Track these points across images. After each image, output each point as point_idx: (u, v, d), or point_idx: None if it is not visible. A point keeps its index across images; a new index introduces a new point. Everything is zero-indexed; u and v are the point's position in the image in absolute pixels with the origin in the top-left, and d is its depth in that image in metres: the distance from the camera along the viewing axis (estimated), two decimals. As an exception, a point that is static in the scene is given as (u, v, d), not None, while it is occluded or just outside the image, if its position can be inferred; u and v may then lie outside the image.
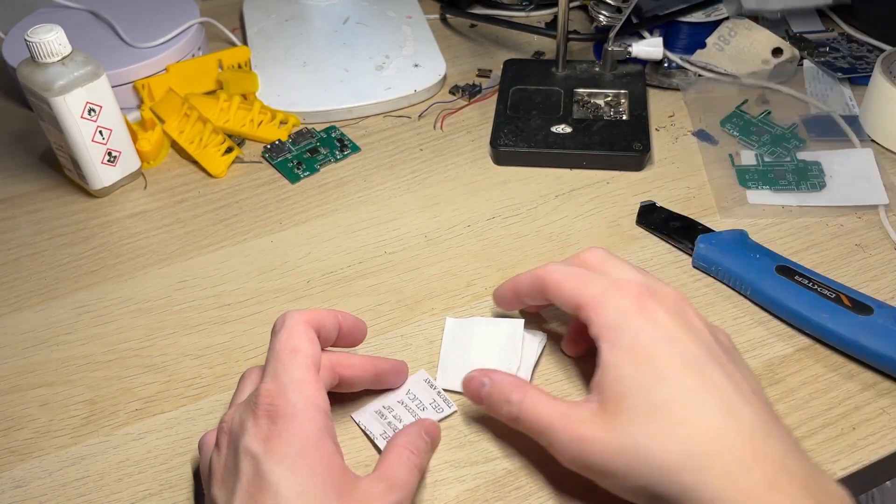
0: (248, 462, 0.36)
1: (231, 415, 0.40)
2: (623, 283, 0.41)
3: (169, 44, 0.69)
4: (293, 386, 0.38)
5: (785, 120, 0.65)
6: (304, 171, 0.64)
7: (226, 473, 0.38)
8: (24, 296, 0.56)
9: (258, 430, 0.37)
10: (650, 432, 0.36)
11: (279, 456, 0.36)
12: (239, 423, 0.38)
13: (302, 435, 0.37)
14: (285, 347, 0.40)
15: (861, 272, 0.54)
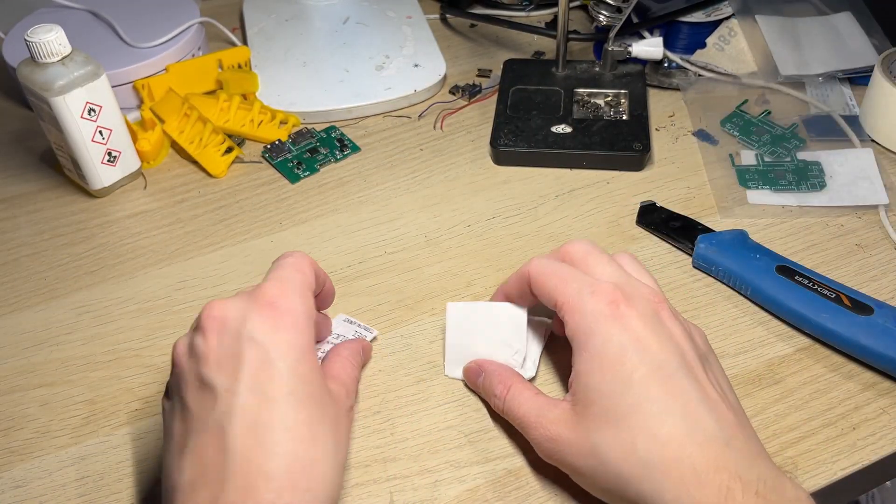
0: (254, 349, 0.37)
1: (221, 305, 0.39)
2: (599, 286, 0.41)
3: (169, 44, 0.69)
4: (295, 292, 0.40)
5: (785, 120, 0.65)
6: (304, 171, 0.64)
7: (224, 358, 0.37)
8: (24, 296, 0.56)
9: (264, 320, 0.38)
10: (612, 440, 0.37)
11: (288, 346, 0.38)
12: (239, 313, 0.38)
13: (305, 333, 0.39)
14: (293, 266, 0.41)
15: (861, 272, 0.54)
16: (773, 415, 0.46)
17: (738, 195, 0.59)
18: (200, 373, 0.38)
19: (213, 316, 0.39)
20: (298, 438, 0.36)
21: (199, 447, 0.36)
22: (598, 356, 0.39)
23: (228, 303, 0.39)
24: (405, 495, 0.43)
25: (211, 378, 0.37)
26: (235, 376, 0.37)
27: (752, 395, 0.47)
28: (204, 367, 0.37)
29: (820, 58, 0.68)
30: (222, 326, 0.38)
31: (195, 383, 0.38)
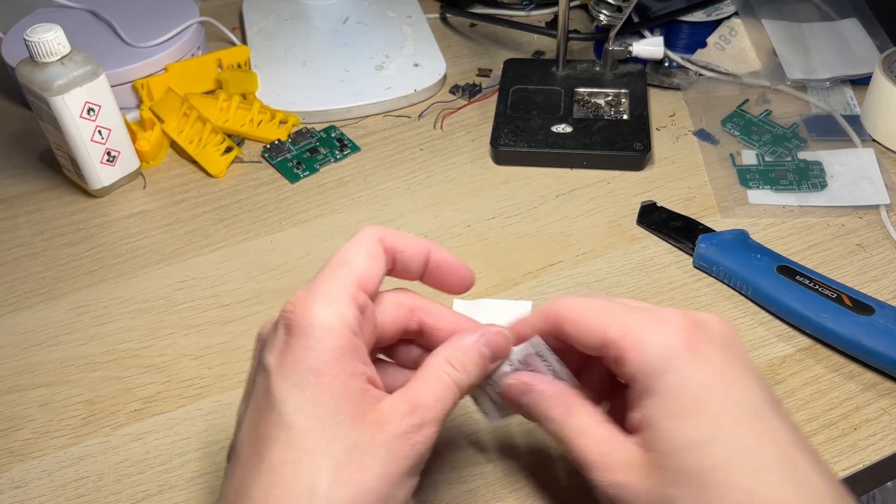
0: (262, 377, 0.34)
1: (266, 324, 0.36)
2: (664, 315, 0.34)
3: (168, 43, 0.69)
4: (322, 298, 0.34)
5: (785, 120, 0.65)
6: (303, 170, 0.64)
7: (249, 386, 0.35)
8: (24, 296, 0.56)
9: (275, 344, 0.34)
10: (695, 499, 0.31)
11: (289, 371, 0.33)
12: (266, 333, 0.35)
13: (317, 350, 0.33)
14: (336, 257, 0.36)
15: (862, 272, 0.54)
16: (773, 415, 0.46)
17: (739, 195, 0.59)
18: (241, 403, 0.36)
19: (257, 339, 0.37)
20: (279, 482, 0.31)
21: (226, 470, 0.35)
22: (675, 400, 0.32)
23: (267, 324, 0.36)
24: (405, 496, 0.43)
25: (239, 409, 0.36)
26: (246, 407, 0.34)
27: (753, 395, 0.47)
28: (243, 399, 0.36)
29: (826, 63, 0.68)
30: (257, 351, 0.36)
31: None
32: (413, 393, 0.34)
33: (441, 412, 0.34)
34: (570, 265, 0.55)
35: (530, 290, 0.54)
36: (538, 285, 0.54)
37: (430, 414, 0.34)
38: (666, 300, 0.53)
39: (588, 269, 0.55)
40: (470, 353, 0.36)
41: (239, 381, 0.49)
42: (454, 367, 0.35)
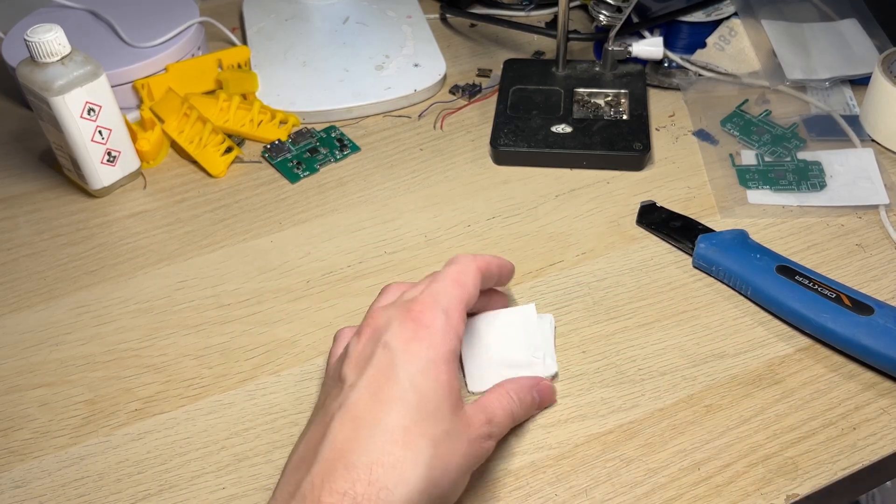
0: (385, 354, 0.39)
1: (380, 312, 0.42)
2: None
3: (168, 43, 0.69)
4: (444, 308, 0.41)
5: (785, 120, 0.65)
6: (303, 170, 0.64)
7: (360, 358, 0.40)
8: (24, 296, 0.56)
9: (403, 331, 0.40)
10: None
11: (414, 357, 0.39)
12: (385, 321, 0.41)
13: (439, 348, 0.40)
14: (453, 277, 0.43)
15: (861, 272, 0.54)
16: (773, 415, 0.46)
17: (739, 195, 0.59)
18: (341, 369, 0.41)
19: (369, 323, 0.42)
20: (391, 440, 0.37)
21: (311, 433, 0.39)
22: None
23: (384, 311, 0.42)
24: (405, 495, 0.43)
25: (344, 373, 0.40)
26: (361, 374, 0.39)
27: (753, 395, 0.47)
28: (345, 366, 0.41)
29: (826, 63, 0.68)
30: (372, 332, 0.41)
31: (334, 377, 0.42)
32: (490, 408, 0.42)
33: (502, 431, 0.43)
34: (569, 265, 0.55)
35: (530, 289, 0.54)
36: (538, 285, 0.54)
37: (496, 429, 0.42)
38: (665, 300, 0.53)
39: (588, 269, 0.55)
40: (527, 395, 0.45)
41: (239, 381, 0.49)
42: (515, 400, 0.44)
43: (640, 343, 0.50)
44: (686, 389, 0.48)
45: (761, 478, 0.43)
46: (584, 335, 0.51)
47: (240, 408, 0.48)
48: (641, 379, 0.48)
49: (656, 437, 0.45)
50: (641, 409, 0.47)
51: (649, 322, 0.51)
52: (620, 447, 0.45)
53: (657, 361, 0.49)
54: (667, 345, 0.50)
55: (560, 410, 0.47)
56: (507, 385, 0.45)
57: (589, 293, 0.53)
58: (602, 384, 0.48)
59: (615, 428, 0.46)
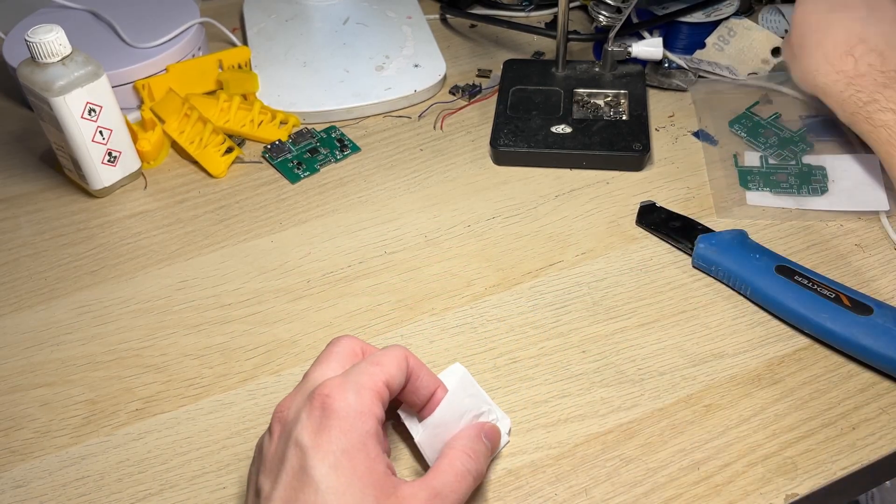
0: (295, 454, 0.36)
1: (288, 403, 0.39)
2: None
3: (169, 44, 0.69)
4: (356, 388, 0.38)
5: (791, 122, 0.65)
6: (304, 171, 0.64)
7: (274, 463, 0.37)
8: (25, 296, 0.56)
9: (310, 423, 0.37)
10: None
11: (324, 452, 0.36)
12: (294, 414, 0.38)
13: (350, 434, 0.36)
14: (371, 359, 0.40)
15: (860, 272, 0.54)
16: (772, 414, 0.46)
17: (738, 196, 0.59)
18: (256, 479, 0.38)
19: (277, 417, 0.39)
20: None
21: None
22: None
23: (291, 400, 0.39)
24: (405, 495, 0.43)
25: (260, 484, 0.37)
26: (275, 482, 0.36)
27: (752, 394, 0.47)
28: (260, 474, 0.38)
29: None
30: (282, 429, 0.38)
31: (253, 488, 0.38)
32: (437, 481, 0.38)
33: (460, 496, 0.39)
34: (569, 265, 0.55)
35: (530, 289, 0.54)
36: (537, 285, 0.54)
37: (449, 499, 0.38)
38: (665, 300, 0.53)
39: (587, 269, 0.55)
40: (478, 444, 0.41)
41: (239, 381, 0.49)
42: (471, 458, 0.40)
43: (639, 343, 0.50)
44: (685, 389, 0.48)
45: (760, 477, 0.43)
46: (583, 335, 0.51)
47: (240, 407, 0.48)
48: (641, 379, 0.48)
49: (656, 436, 0.45)
50: (641, 409, 0.47)
51: (649, 322, 0.51)
52: (620, 447, 0.45)
53: (657, 361, 0.49)
54: (666, 345, 0.50)
55: (560, 410, 0.47)
56: (455, 444, 0.41)
57: (588, 293, 0.54)
58: (602, 384, 0.48)
59: (615, 427, 0.46)
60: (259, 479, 0.38)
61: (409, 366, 0.41)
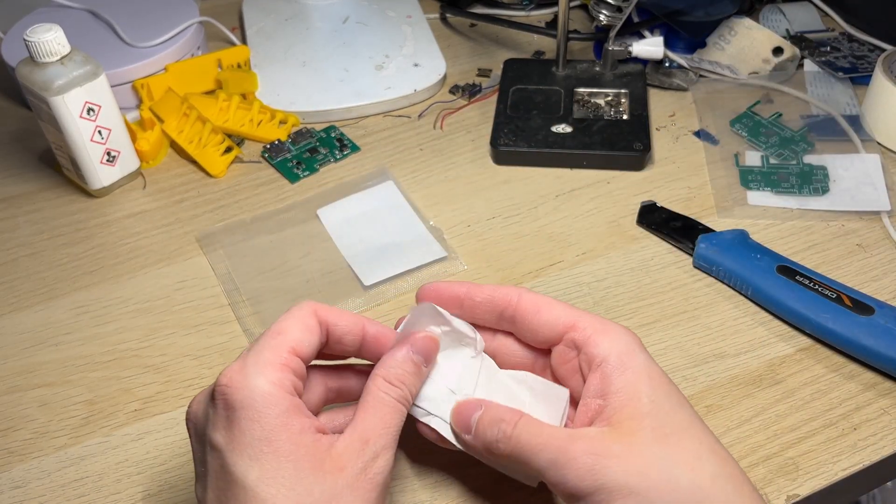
0: (213, 456, 0.35)
1: (195, 404, 0.37)
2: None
3: (168, 43, 0.69)
4: (256, 369, 0.35)
5: (792, 122, 0.65)
6: (303, 170, 0.64)
7: (199, 466, 0.36)
8: (24, 296, 0.56)
9: (218, 420, 0.35)
10: (678, 453, 0.35)
11: (241, 446, 0.34)
12: (203, 411, 0.36)
13: (262, 420, 0.34)
14: (271, 329, 0.38)
15: (862, 272, 0.54)
16: (773, 415, 0.46)
17: (739, 196, 0.59)
18: (195, 488, 0.37)
19: (188, 417, 0.37)
20: None
21: None
22: (646, 374, 0.37)
23: (199, 397, 0.37)
24: (405, 496, 0.43)
25: (196, 491, 0.36)
26: (205, 488, 0.35)
27: (753, 395, 0.47)
28: (196, 483, 0.37)
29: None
30: (194, 429, 0.37)
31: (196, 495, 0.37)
32: (361, 426, 0.36)
33: (391, 436, 0.37)
34: (569, 265, 0.55)
35: (530, 290, 0.54)
36: (538, 285, 0.54)
37: (381, 441, 0.36)
38: (666, 300, 0.53)
39: (588, 269, 0.55)
40: (405, 365, 0.38)
41: (239, 381, 0.49)
42: (394, 385, 0.38)
43: (640, 343, 0.50)
44: (686, 389, 0.47)
45: (762, 478, 0.43)
46: (584, 335, 0.51)
47: (240, 408, 0.48)
48: (642, 379, 0.48)
49: (657, 437, 0.45)
50: (642, 410, 0.47)
51: (650, 322, 0.51)
52: (621, 447, 0.45)
53: (658, 361, 0.49)
54: (667, 345, 0.50)
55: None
56: (377, 377, 0.38)
57: (589, 293, 0.53)
58: (602, 384, 0.48)
59: (615, 428, 0.46)
60: (196, 486, 0.37)
61: (319, 320, 0.38)
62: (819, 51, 0.72)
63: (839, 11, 0.77)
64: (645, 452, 0.35)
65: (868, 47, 0.73)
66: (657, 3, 0.71)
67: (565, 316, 0.40)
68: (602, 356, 0.38)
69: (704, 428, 0.37)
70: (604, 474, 0.35)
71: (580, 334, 0.39)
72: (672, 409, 0.37)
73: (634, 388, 0.37)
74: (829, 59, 0.71)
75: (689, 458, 0.35)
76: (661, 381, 0.38)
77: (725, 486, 0.35)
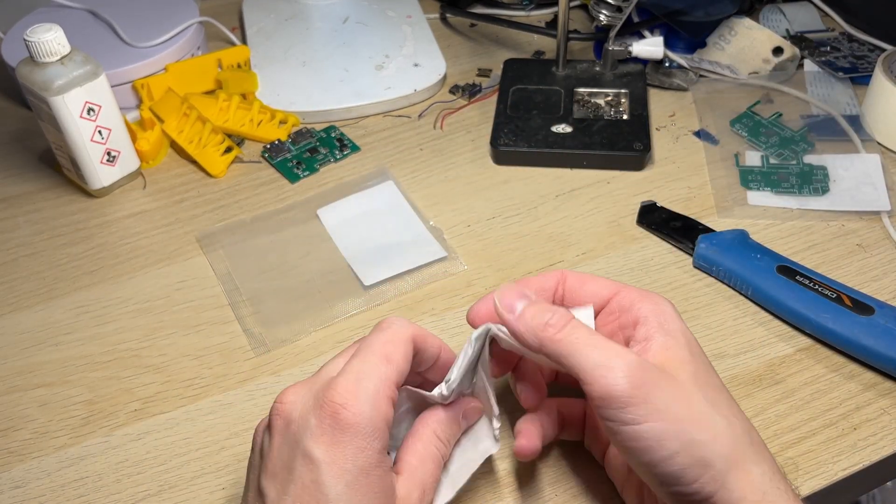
0: (307, 466, 0.34)
1: (292, 398, 0.36)
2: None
3: (168, 43, 0.69)
4: (369, 396, 0.35)
5: (792, 122, 0.65)
6: (303, 170, 0.64)
7: (279, 467, 0.35)
8: (23, 296, 0.55)
9: (322, 433, 0.34)
10: (714, 403, 0.36)
11: (340, 470, 0.34)
12: (301, 414, 0.36)
13: (366, 451, 0.35)
14: (381, 350, 0.37)
15: (862, 272, 0.54)
16: (773, 415, 0.46)
17: (739, 196, 0.59)
18: (259, 477, 0.36)
19: (279, 413, 0.36)
20: None
21: None
22: (682, 334, 0.38)
23: (296, 396, 0.36)
24: None
25: (265, 486, 0.35)
26: (283, 491, 0.35)
27: (753, 395, 0.47)
28: (263, 473, 0.36)
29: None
30: (286, 428, 0.36)
31: (255, 483, 0.37)
32: (420, 475, 0.38)
33: (432, 485, 0.38)
34: (570, 265, 0.55)
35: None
36: (538, 285, 0.54)
37: (432, 493, 0.38)
38: (666, 300, 0.53)
39: (588, 268, 0.55)
40: (453, 426, 0.40)
41: (238, 381, 0.49)
42: (442, 442, 0.39)
43: (640, 343, 0.50)
44: (686, 390, 0.47)
45: (762, 478, 0.43)
46: (584, 335, 0.51)
47: (239, 408, 0.48)
48: (642, 379, 0.48)
49: (657, 437, 0.45)
50: (642, 410, 0.47)
51: (649, 322, 0.51)
52: (621, 447, 0.45)
53: (657, 361, 0.49)
54: (667, 345, 0.50)
55: (560, 411, 0.47)
56: (429, 426, 0.39)
57: (589, 293, 0.53)
58: (602, 384, 0.48)
59: (615, 428, 0.46)
60: (262, 481, 0.36)
61: (422, 349, 0.39)
62: (819, 51, 0.72)
63: (839, 11, 0.77)
64: (686, 388, 0.36)
65: (868, 47, 0.73)
66: (657, 3, 0.71)
67: (610, 285, 0.42)
68: (644, 315, 0.39)
69: (731, 402, 0.37)
70: (652, 388, 0.35)
71: (625, 299, 0.40)
72: (707, 371, 0.38)
73: (675, 341, 0.38)
74: (829, 59, 0.71)
75: (724, 410, 0.36)
76: (696, 344, 0.39)
77: (748, 454, 0.35)
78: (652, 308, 0.39)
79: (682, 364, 0.37)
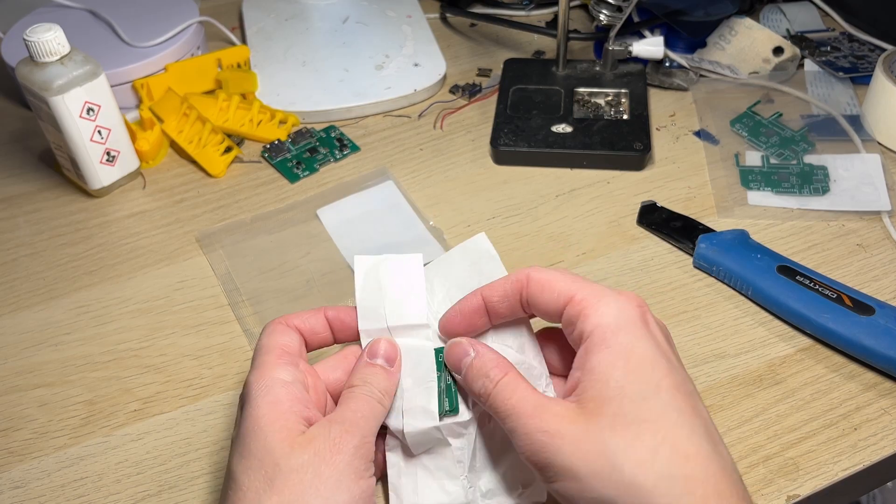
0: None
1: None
2: (623, 291, 0.39)
3: (168, 43, 0.69)
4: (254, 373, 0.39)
5: (792, 122, 0.65)
6: (303, 170, 0.64)
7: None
8: (23, 296, 0.55)
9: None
10: (629, 445, 0.34)
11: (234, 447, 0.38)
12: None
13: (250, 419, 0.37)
14: (258, 346, 0.41)
15: (862, 272, 0.54)
16: (774, 415, 0.46)
17: (739, 196, 0.59)
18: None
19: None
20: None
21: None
22: (624, 355, 0.36)
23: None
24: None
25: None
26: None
27: (754, 395, 0.47)
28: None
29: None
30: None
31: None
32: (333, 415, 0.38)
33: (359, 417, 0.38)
34: (570, 265, 0.55)
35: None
36: (538, 285, 0.54)
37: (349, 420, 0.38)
38: (666, 300, 0.53)
39: (588, 268, 0.55)
40: (364, 369, 0.41)
41: (238, 381, 0.49)
42: (356, 385, 0.40)
43: (640, 343, 0.50)
44: (687, 390, 0.47)
45: (762, 478, 0.43)
46: (584, 335, 0.51)
47: (239, 408, 0.48)
48: (642, 379, 0.48)
49: (657, 437, 0.45)
50: (642, 410, 0.46)
51: (650, 322, 0.51)
52: (621, 448, 0.45)
53: (658, 362, 0.49)
54: (667, 345, 0.50)
55: (560, 411, 0.47)
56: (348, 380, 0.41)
57: (589, 293, 0.53)
58: (602, 384, 0.48)
59: (616, 428, 0.46)
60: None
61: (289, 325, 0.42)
62: (819, 51, 0.72)
63: (839, 11, 0.77)
64: (597, 438, 0.35)
65: (868, 47, 0.73)
66: (657, 2, 0.71)
67: (566, 290, 0.39)
68: (588, 331, 0.37)
69: (680, 422, 0.35)
70: (553, 454, 0.35)
71: (574, 308, 0.38)
72: (641, 398, 0.35)
73: (606, 370, 0.36)
74: (830, 59, 0.71)
75: (640, 453, 0.34)
76: (642, 364, 0.36)
77: (672, 489, 0.33)
78: (597, 320, 0.37)
79: (603, 404, 0.35)
